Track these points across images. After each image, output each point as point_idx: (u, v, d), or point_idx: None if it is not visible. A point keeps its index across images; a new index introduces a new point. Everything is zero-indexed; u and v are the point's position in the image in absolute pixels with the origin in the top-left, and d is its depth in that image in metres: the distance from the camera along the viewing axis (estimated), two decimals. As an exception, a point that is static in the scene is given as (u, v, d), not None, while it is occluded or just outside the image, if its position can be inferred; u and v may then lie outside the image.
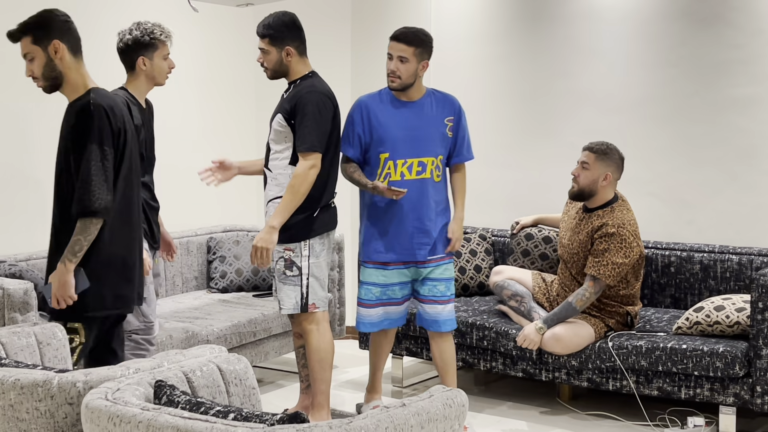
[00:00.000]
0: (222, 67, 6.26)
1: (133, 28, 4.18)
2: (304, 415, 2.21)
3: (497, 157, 5.82)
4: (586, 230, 4.59)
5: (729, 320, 4.34)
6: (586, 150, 4.63)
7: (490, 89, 5.84)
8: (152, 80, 4.19)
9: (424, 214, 4.35)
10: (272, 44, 4.25)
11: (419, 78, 4.34)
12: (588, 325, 4.54)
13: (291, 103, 4.21)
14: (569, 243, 4.69)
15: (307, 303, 4.25)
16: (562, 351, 4.52)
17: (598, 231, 4.52)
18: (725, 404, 4.25)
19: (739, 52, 4.98)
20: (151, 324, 4.16)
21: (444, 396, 2.42)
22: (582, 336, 4.51)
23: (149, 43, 4.13)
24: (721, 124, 5.06)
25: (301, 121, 4.15)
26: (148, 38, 4.13)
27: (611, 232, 4.47)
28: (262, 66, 4.34)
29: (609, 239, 4.47)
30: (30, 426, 2.63)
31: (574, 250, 4.64)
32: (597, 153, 4.58)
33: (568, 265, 4.72)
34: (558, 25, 5.55)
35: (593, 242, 4.53)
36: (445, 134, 4.39)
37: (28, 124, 5.17)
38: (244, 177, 4.77)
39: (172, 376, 2.58)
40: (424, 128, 4.36)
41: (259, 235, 4.15)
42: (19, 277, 4.44)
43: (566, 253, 4.72)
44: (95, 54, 5.53)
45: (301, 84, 4.27)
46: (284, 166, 4.24)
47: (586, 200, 4.64)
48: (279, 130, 4.24)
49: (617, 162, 4.61)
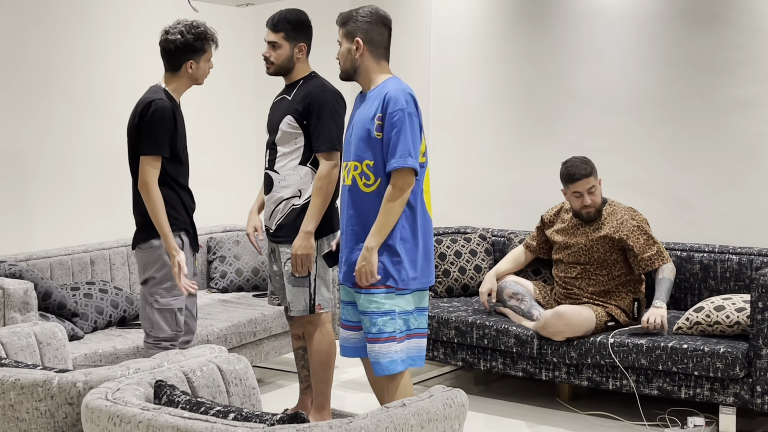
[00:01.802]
0: (222, 67, 6.26)
1: (185, 30, 4.01)
2: (304, 415, 2.21)
3: (497, 157, 5.82)
4: (599, 228, 4.70)
5: (729, 320, 4.34)
6: (582, 179, 4.65)
7: (489, 89, 5.84)
8: (194, 82, 4.12)
9: (354, 228, 3.66)
10: (287, 39, 4.23)
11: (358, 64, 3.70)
12: (590, 310, 4.57)
13: (302, 104, 4.19)
14: (571, 243, 4.77)
15: (314, 304, 4.25)
16: (564, 329, 4.51)
17: (621, 229, 4.63)
18: (725, 404, 4.25)
19: (739, 53, 4.98)
20: (181, 332, 4.10)
21: (444, 396, 2.42)
22: (584, 317, 4.53)
23: (200, 48, 4.04)
24: (721, 125, 5.06)
25: (318, 121, 4.13)
26: (200, 43, 4.03)
27: (635, 224, 4.64)
28: (266, 60, 4.28)
29: (639, 230, 4.64)
30: (30, 426, 2.63)
31: (585, 249, 4.72)
32: (592, 174, 4.67)
33: (571, 265, 4.77)
34: (558, 25, 5.55)
35: (625, 240, 4.62)
36: (372, 134, 3.60)
37: (28, 124, 5.18)
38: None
39: (172, 376, 2.58)
40: (354, 127, 3.71)
41: (296, 243, 4.11)
42: (19, 277, 4.44)
43: (570, 256, 4.77)
44: (95, 54, 5.55)
45: (307, 84, 4.26)
46: (294, 167, 4.23)
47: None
48: (289, 132, 4.22)
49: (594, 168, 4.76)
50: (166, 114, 3.93)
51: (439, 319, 4.94)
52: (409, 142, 3.48)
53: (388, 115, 3.51)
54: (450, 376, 5.48)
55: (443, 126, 6.04)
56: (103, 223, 5.55)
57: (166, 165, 4.00)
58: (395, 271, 3.57)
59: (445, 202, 6.04)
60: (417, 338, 3.67)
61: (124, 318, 4.97)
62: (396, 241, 3.55)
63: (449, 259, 5.36)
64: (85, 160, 5.47)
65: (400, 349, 3.60)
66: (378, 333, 3.57)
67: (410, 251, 3.59)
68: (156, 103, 3.95)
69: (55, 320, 4.50)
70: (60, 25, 5.29)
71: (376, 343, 3.58)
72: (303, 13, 4.31)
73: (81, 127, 5.44)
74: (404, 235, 3.57)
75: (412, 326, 3.64)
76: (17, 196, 5.13)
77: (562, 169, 4.72)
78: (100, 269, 5.22)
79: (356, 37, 3.62)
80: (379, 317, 3.57)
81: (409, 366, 3.64)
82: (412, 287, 3.61)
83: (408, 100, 3.53)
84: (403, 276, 3.57)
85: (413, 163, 3.49)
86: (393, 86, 3.57)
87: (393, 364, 3.58)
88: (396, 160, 3.48)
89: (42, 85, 5.20)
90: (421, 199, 3.64)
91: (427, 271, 3.67)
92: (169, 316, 4.02)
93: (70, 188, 5.40)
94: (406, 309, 3.61)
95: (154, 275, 4.00)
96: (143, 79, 5.41)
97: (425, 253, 3.66)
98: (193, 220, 4.18)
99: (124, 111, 5.28)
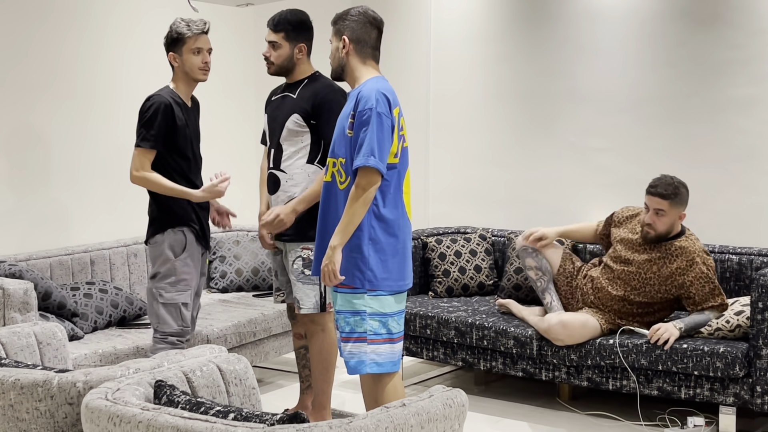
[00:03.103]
0: (222, 67, 6.25)
1: (170, 26, 4.16)
2: (304, 415, 2.21)
3: (497, 157, 5.82)
4: (664, 261, 4.46)
5: (730, 325, 4.34)
6: (656, 197, 4.42)
7: (489, 89, 5.84)
8: (189, 76, 4.15)
9: (329, 224, 3.61)
10: (287, 39, 4.24)
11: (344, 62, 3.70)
12: (595, 319, 4.54)
13: (310, 103, 4.19)
14: (631, 260, 4.55)
15: (325, 302, 4.25)
16: (566, 339, 4.50)
17: (688, 273, 4.41)
18: (725, 404, 4.24)
19: (739, 52, 4.98)
20: (187, 328, 4.15)
21: (444, 396, 2.42)
22: (588, 328, 4.51)
23: (176, 38, 4.10)
24: (721, 124, 5.06)
25: (329, 120, 4.12)
26: (174, 34, 4.11)
27: (703, 271, 4.39)
28: (267, 60, 4.29)
29: (705, 279, 4.39)
30: (30, 426, 2.63)
31: (638, 273, 4.51)
32: (670, 198, 4.41)
33: (616, 281, 4.58)
34: (558, 25, 5.55)
35: (688, 287, 4.42)
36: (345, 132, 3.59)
37: (29, 123, 5.17)
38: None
39: (172, 376, 2.58)
40: (336, 125, 3.72)
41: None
42: (19, 277, 4.44)
43: (621, 272, 4.56)
44: (97, 54, 5.55)
45: (313, 83, 4.26)
46: (301, 165, 4.23)
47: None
48: (295, 130, 4.22)
49: (686, 198, 4.48)
50: (161, 109, 4.01)
51: (439, 319, 4.94)
52: (374, 142, 3.43)
53: (358, 113, 3.48)
54: (450, 376, 5.48)
55: (443, 126, 6.04)
56: (105, 222, 5.55)
57: (170, 160, 4.06)
58: (359, 272, 3.52)
59: (445, 202, 6.04)
60: (397, 342, 3.63)
61: (124, 318, 4.97)
62: (364, 241, 3.51)
63: (449, 259, 5.36)
64: (87, 159, 5.47)
65: (371, 351, 3.55)
66: (349, 332, 3.55)
67: (380, 252, 3.53)
68: (153, 98, 4.06)
69: (55, 320, 4.50)
70: (62, 24, 5.29)
71: (347, 342, 3.56)
72: (304, 14, 4.31)
73: (84, 127, 5.44)
74: (373, 236, 3.52)
75: (394, 330, 3.59)
76: (18, 195, 5.13)
77: (654, 179, 4.55)
78: (100, 269, 5.22)
79: (343, 35, 3.62)
80: (351, 317, 3.54)
81: (382, 371, 3.59)
82: (385, 288, 3.55)
83: (379, 99, 3.48)
84: (369, 276, 3.52)
85: (374, 162, 3.42)
86: (369, 86, 3.53)
87: (361, 365, 3.55)
88: (359, 159, 3.45)
89: (43, 85, 5.20)
90: (400, 202, 3.59)
91: (401, 273, 3.62)
92: (174, 310, 4.06)
93: (72, 188, 5.40)
94: (380, 311, 3.55)
95: (159, 270, 4.09)
96: (145, 79, 5.44)
97: (401, 254, 3.61)
98: (203, 217, 4.20)
99: (126, 110, 5.30)
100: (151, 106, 4.03)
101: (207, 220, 4.26)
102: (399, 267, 3.60)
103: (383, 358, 3.58)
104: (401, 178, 3.59)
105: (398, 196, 3.58)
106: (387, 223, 3.55)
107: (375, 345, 3.56)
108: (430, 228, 5.71)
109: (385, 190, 3.53)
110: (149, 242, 4.14)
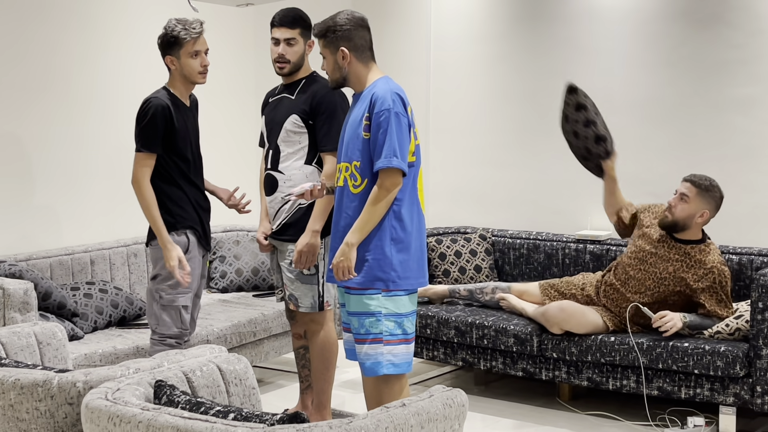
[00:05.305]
0: (222, 67, 6.26)
1: (164, 27, 4.09)
2: (304, 415, 2.21)
3: (497, 157, 5.82)
4: (681, 265, 4.42)
5: (729, 328, 4.34)
6: (687, 182, 4.40)
7: (490, 89, 5.84)
8: (187, 79, 4.11)
9: (343, 229, 3.61)
10: (302, 35, 4.22)
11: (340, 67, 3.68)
12: (598, 315, 4.54)
13: (308, 104, 4.18)
14: (647, 257, 4.51)
15: (323, 301, 4.26)
16: (561, 322, 4.50)
17: (702, 280, 4.37)
18: (725, 404, 4.25)
19: (739, 52, 4.98)
20: (186, 330, 4.14)
21: (444, 396, 2.42)
22: (588, 318, 4.50)
23: (174, 42, 4.05)
24: (721, 124, 5.06)
25: (326, 121, 4.13)
26: (170, 37, 4.05)
27: (717, 280, 4.35)
28: (282, 59, 4.22)
29: (719, 289, 4.35)
30: (30, 426, 2.63)
31: (654, 272, 4.47)
32: (699, 188, 4.37)
33: (632, 281, 4.53)
34: (558, 25, 5.55)
35: (699, 294, 4.39)
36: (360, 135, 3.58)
37: (29, 123, 5.18)
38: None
39: (172, 376, 2.58)
40: (347, 128, 3.70)
41: (302, 239, 4.13)
42: (19, 277, 4.45)
43: (635, 270, 4.52)
44: (97, 54, 5.55)
45: (311, 84, 4.25)
46: (299, 166, 4.22)
47: (676, 232, 4.48)
48: (293, 131, 4.21)
49: (717, 201, 4.42)
50: (158, 111, 3.99)
51: (439, 319, 4.94)
52: (395, 142, 3.45)
53: (375, 115, 3.47)
54: (450, 376, 5.48)
55: (443, 126, 6.05)
56: (105, 223, 5.55)
57: (170, 162, 4.04)
58: (383, 273, 3.52)
59: (445, 202, 6.04)
60: (412, 343, 3.64)
61: (124, 318, 4.97)
62: (386, 242, 3.51)
63: (449, 259, 5.36)
64: (86, 159, 5.47)
65: (388, 352, 3.54)
66: (365, 334, 3.54)
67: (401, 252, 3.54)
68: (151, 101, 4.03)
69: (55, 320, 4.50)
70: (61, 25, 5.29)
71: (363, 344, 3.55)
72: (304, 13, 4.33)
73: (83, 127, 5.44)
74: (395, 236, 3.53)
75: (409, 330, 3.59)
76: (18, 195, 5.13)
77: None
78: (100, 269, 5.22)
79: (341, 47, 3.58)
80: (366, 318, 3.53)
81: (399, 372, 3.58)
82: (404, 289, 3.56)
83: (395, 99, 3.49)
84: (392, 277, 3.53)
85: (398, 163, 3.45)
86: (381, 86, 3.53)
87: (377, 366, 3.54)
88: (382, 161, 3.45)
89: (44, 85, 5.20)
90: (415, 199, 3.61)
91: (420, 272, 3.63)
92: (174, 313, 4.06)
93: (71, 188, 5.40)
94: (396, 311, 3.54)
95: (160, 272, 4.08)
96: (145, 80, 5.44)
97: (419, 253, 3.62)
98: (204, 219, 4.19)
99: (125, 111, 5.30)
100: (148, 109, 3.99)
101: (209, 222, 4.26)
102: (418, 264, 3.62)
103: (399, 359, 3.57)
104: (416, 175, 3.62)
105: (414, 193, 3.61)
106: (406, 221, 3.56)
107: (391, 346, 3.55)
108: (430, 228, 5.71)
109: (404, 189, 3.55)
110: (150, 244, 4.11)
